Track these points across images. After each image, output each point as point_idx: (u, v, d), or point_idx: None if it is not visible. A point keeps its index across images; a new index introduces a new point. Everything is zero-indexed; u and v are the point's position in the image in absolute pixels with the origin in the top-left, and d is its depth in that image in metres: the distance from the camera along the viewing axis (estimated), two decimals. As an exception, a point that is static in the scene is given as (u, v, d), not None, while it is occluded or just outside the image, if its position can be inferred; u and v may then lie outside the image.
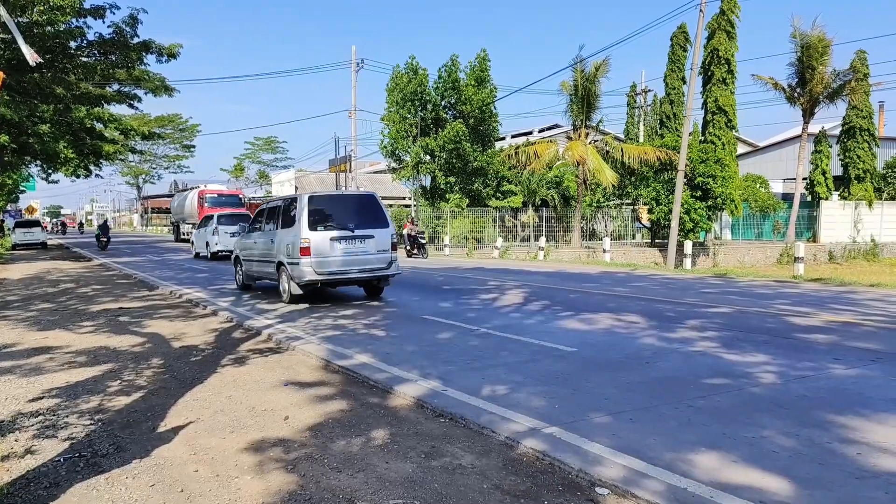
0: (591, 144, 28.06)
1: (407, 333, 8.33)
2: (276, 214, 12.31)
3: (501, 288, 13.51)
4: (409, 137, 31.95)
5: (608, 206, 33.95)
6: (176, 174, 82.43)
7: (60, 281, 16.51)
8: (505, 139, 44.37)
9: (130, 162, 74.90)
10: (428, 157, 31.75)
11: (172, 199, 44.76)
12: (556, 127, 47.68)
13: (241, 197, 39.98)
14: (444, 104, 31.91)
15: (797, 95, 31.57)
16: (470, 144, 30.69)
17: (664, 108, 35.47)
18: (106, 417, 4.98)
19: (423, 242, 25.82)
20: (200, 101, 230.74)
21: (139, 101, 24.17)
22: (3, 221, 48.74)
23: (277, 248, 11.75)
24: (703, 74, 30.71)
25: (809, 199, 34.20)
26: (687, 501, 3.38)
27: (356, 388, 5.78)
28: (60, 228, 76.15)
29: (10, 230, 41.30)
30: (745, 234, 36.38)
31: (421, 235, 26.11)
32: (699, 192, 27.94)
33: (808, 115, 31.66)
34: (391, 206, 43.12)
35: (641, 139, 37.23)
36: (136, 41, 19.76)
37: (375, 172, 56.74)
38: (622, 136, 39.93)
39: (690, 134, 26.47)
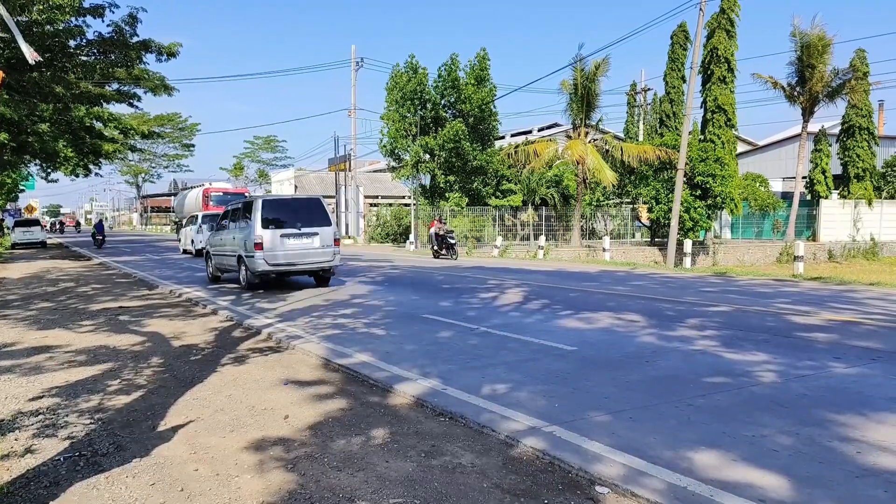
0: (590, 143, 28.04)
1: (407, 332, 8.33)
2: (237, 215, 13.93)
3: (501, 287, 13.51)
4: (408, 136, 31.92)
5: (608, 204, 33.94)
6: (175, 173, 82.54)
7: (60, 280, 16.51)
8: (504, 138, 44.38)
9: (130, 161, 74.89)
10: (427, 155, 31.72)
11: (175, 197, 44.48)
12: (555, 126, 47.69)
13: (246, 195, 39.34)
14: (443, 103, 31.88)
15: (797, 94, 31.55)
16: (469, 143, 30.67)
17: (664, 106, 35.47)
18: (106, 416, 4.98)
19: (452, 242, 23.84)
20: (200, 100, 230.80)
21: (139, 99, 24.13)
22: (2, 220, 48.69)
23: (238, 244, 13.39)
24: (702, 73, 30.70)
25: (809, 197, 34.21)
26: (687, 500, 3.38)
27: (356, 386, 5.78)
28: (58, 227, 76.25)
29: (9, 229, 41.29)
30: (744, 232, 36.39)
31: (450, 235, 24.13)
32: (699, 190, 27.93)
33: (807, 113, 31.65)
34: (391, 204, 43.23)
35: (641, 138, 37.24)
36: (135, 40, 19.73)
37: (375, 171, 56.74)
38: (622, 134, 39.93)
39: (690, 133, 26.45)
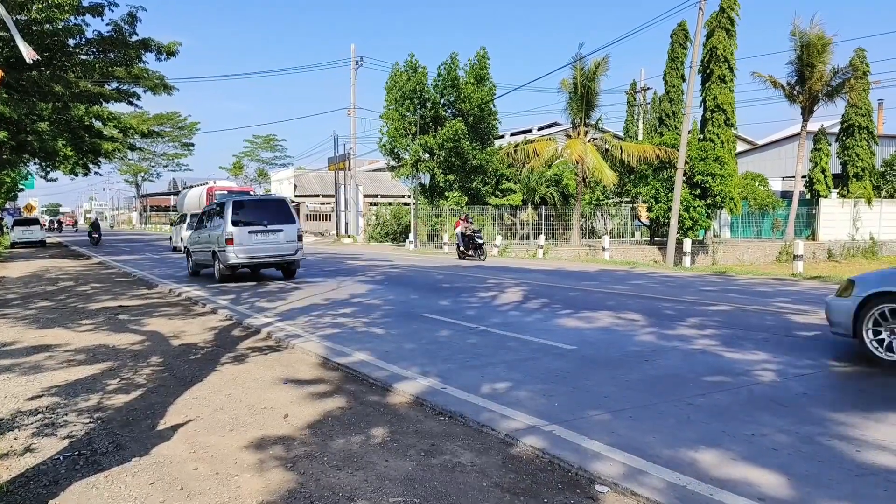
0: (590, 142, 28.03)
1: (406, 331, 8.33)
2: (212, 216, 15.49)
3: (500, 286, 13.52)
4: (408, 135, 31.90)
5: (607, 204, 33.92)
6: (175, 172, 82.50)
7: (59, 279, 16.50)
8: (504, 137, 44.34)
9: (129, 160, 74.78)
10: (427, 155, 31.71)
11: (178, 195, 44.01)
12: (555, 125, 47.65)
13: (251, 194, 38.49)
14: (443, 102, 31.85)
15: (796, 93, 31.53)
16: (469, 142, 30.66)
17: (663, 106, 35.44)
18: (105, 416, 4.98)
19: (480, 242, 22.73)
20: (199, 99, 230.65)
21: (138, 98, 24.08)
22: (1, 219, 48.65)
23: (213, 240, 14.82)
24: (702, 72, 30.68)
25: (808, 197, 34.21)
26: (687, 498, 3.38)
27: (356, 385, 5.78)
28: (57, 226, 76.31)
29: (8, 228, 41.27)
30: (744, 232, 36.38)
31: (478, 235, 22.99)
32: (698, 190, 27.93)
33: (807, 113, 31.64)
34: (390, 204, 43.22)
35: (641, 137, 37.21)
36: (134, 39, 19.68)
37: (374, 170, 56.68)
38: (621, 134, 39.92)
39: (689, 132, 26.42)
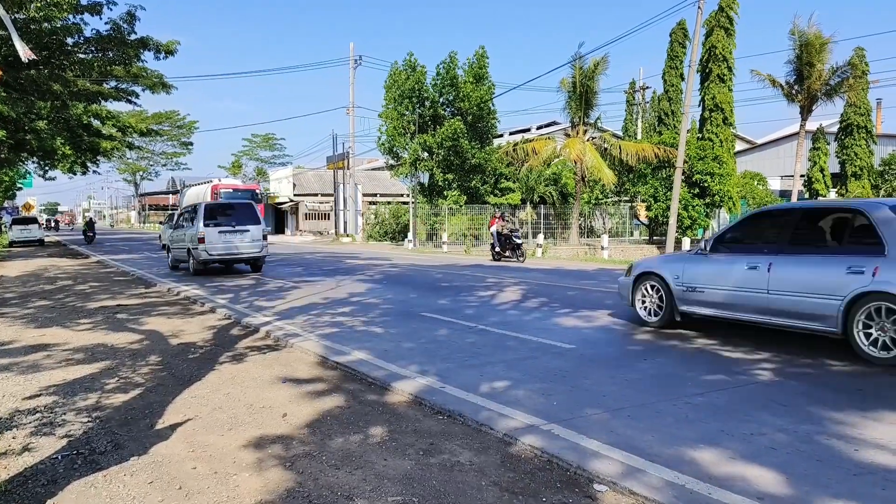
0: (589, 141, 28.02)
1: (405, 330, 8.33)
2: (187, 217, 17.22)
3: (499, 285, 13.52)
4: (407, 134, 31.89)
5: (606, 203, 33.93)
6: (174, 171, 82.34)
7: (58, 278, 16.48)
8: (503, 136, 44.35)
9: (128, 159, 74.69)
10: (426, 153, 31.69)
11: (179, 193, 43.79)
12: (554, 124, 47.67)
13: (257, 192, 35.13)
14: (442, 101, 31.85)
15: (795, 92, 31.48)
16: (468, 141, 30.65)
17: (662, 105, 35.43)
18: (103, 415, 4.97)
19: (518, 242, 21.16)
20: (198, 98, 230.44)
21: (137, 97, 24.11)
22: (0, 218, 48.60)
23: (187, 239, 16.45)
24: (700, 71, 30.67)
25: (807, 196, 34.24)
26: (685, 497, 3.38)
27: (354, 384, 5.77)
28: (54, 225, 76.26)
29: (6, 227, 41.21)
30: (743, 231, 36.36)
31: (516, 234, 21.46)
32: (697, 189, 27.95)
33: (806, 112, 31.58)
34: (389, 202, 43.23)
35: (639, 136, 37.23)
36: (133, 38, 19.67)
37: (373, 169, 56.65)
38: (620, 133, 39.92)
39: (688, 131, 26.41)
